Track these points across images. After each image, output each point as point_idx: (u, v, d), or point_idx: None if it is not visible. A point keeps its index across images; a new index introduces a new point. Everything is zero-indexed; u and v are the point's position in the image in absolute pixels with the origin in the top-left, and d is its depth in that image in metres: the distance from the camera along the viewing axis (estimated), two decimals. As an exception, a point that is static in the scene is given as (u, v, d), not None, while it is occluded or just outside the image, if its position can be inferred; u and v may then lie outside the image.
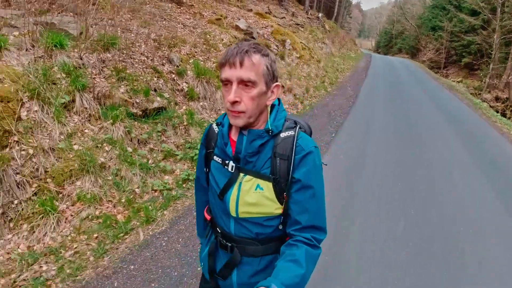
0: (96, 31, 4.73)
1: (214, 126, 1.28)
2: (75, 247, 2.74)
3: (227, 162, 1.17)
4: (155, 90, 4.66)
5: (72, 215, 2.97)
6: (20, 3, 4.68)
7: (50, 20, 4.42)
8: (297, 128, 1.15)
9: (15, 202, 2.79)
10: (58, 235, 2.79)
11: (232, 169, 1.15)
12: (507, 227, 3.59)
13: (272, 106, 1.17)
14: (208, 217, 1.34)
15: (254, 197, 1.12)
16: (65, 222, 2.90)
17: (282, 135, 1.12)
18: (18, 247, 2.65)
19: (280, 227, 1.16)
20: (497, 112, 14.55)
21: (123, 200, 3.29)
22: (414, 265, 2.86)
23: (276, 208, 1.13)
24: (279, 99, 1.20)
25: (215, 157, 1.22)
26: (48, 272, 2.46)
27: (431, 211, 3.76)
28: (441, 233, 3.36)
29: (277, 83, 1.12)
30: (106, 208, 3.18)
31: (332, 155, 5.17)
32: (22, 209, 2.79)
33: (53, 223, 2.79)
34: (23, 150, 2.97)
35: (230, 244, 1.21)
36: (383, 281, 2.66)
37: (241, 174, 1.14)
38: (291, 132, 1.13)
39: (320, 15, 24.95)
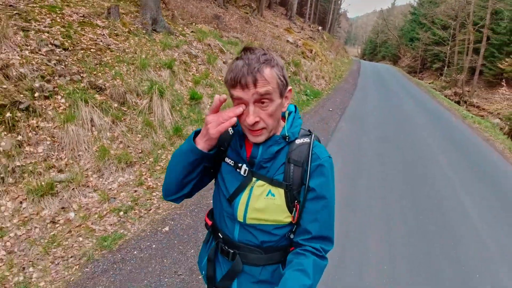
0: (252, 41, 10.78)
1: None
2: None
3: (240, 165, 1.14)
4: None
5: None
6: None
7: (237, 37, 10.49)
8: (312, 136, 1.14)
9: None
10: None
11: (245, 173, 1.13)
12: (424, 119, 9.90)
13: (289, 113, 1.17)
14: (209, 222, 1.31)
15: (264, 203, 1.10)
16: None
17: (298, 141, 1.12)
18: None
19: (291, 236, 1.14)
20: (455, 102, 21.43)
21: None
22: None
23: (285, 217, 1.11)
24: (295, 106, 1.19)
25: (226, 159, 1.19)
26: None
27: (392, 114, 10.03)
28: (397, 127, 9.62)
29: (289, 88, 1.09)
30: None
31: (354, 100, 11.51)
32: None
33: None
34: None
35: (232, 251, 1.17)
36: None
37: (254, 179, 1.12)
38: (306, 139, 1.13)
39: (320, 28, 31.39)
